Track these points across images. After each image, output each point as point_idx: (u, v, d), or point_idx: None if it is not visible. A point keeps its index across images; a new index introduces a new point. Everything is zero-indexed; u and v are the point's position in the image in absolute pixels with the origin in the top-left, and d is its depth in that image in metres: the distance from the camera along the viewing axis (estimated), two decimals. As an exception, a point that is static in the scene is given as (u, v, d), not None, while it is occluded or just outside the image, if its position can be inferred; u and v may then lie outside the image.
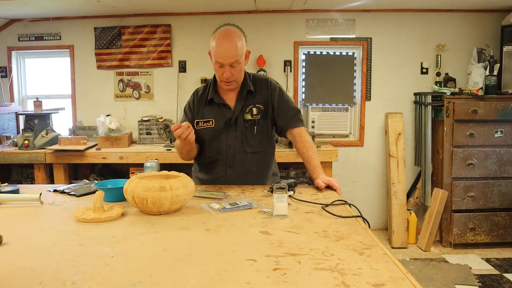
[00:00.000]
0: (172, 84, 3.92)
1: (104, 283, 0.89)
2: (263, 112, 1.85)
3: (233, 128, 1.84)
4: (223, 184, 1.88)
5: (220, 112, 1.85)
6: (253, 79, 1.88)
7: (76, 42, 3.92)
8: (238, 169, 1.86)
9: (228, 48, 1.68)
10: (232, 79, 1.75)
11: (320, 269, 0.96)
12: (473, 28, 3.84)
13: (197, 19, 3.86)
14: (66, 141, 3.34)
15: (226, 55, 1.68)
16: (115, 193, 1.59)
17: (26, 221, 1.38)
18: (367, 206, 3.97)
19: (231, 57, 1.68)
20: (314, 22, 3.86)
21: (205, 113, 1.87)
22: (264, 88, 1.86)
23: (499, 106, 3.37)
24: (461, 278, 2.95)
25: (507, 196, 3.46)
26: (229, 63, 1.69)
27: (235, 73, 1.73)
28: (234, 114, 1.83)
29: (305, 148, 1.82)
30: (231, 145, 1.84)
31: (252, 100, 1.85)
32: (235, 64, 1.70)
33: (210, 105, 1.86)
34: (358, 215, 1.39)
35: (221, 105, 1.85)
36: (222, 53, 1.68)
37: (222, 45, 1.68)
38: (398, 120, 3.84)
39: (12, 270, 0.97)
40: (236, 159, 1.85)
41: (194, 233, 1.23)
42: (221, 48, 1.68)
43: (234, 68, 1.71)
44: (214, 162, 1.89)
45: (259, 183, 1.89)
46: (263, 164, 1.93)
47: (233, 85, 1.80)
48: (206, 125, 1.85)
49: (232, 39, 1.69)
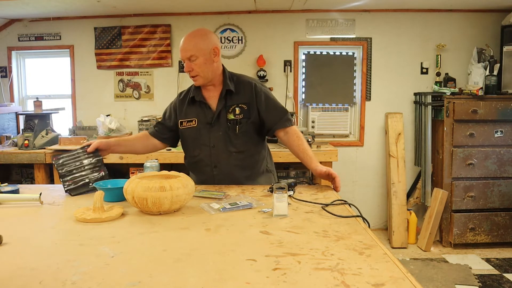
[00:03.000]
0: (172, 84, 3.92)
1: (104, 283, 0.89)
2: (246, 112, 1.86)
3: (216, 127, 1.86)
4: (216, 184, 1.89)
5: (202, 112, 1.89)
6: (236, 80, 1.91)
7: (76, 42, 3.92)
8: (224, 168, 1.88)
9: (183, 43, 1.81)
10: (193, 73, 1.82)
11: (320, 269, 0.96)
12: (473, 28, 3.84)
13: (197, 19, 3.86)
14: (66, 141, 3.34)
15: (181, 50, 1.81)
16: (115, 193, 1.59)
17: (26, 221, 1.38)
18: (367, 206, 3.97)
19: (185, 51, 1.79)
20: (314, 22, 3.86)
21: (188, 112, 1.92)
22: (248, 90, 1.89)
23: (499, 106, 3.37)
24: (461, 278, 2.95)
25: (507, 196, 3.46)
26: (186, 57, 1.80)
27: (195, 67, 1.80)
28: (215, 113, 1.86)
29: (300, 141, 1.85)
30: (214, 145, 1.86)
31: (235, 100, 1.87)
32: (192, 58, 1.79)
33: (193, 105, 1.91)
34: (358, 215, 1.39)
35: (202, 104, 1.89)
36: (180, 48, 1.82)
37: (181, 42, 1.82)
38: (398, 120, 3.85)
39: (12, 270, 0.97)
40: (220, 159, 1.87)
41: (194, 233, 1.23)
42: (180, 45, 1.82)
43: (192, 62, 1.79)
44: (199, 162, 1.91)
45: (250, 183, 1.89)
46: (250, 164, 1.92)
47: (198, 80, 1.85)
48: (189, 125, 1.90)
49: (190, 36, 1.81)
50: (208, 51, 1.80)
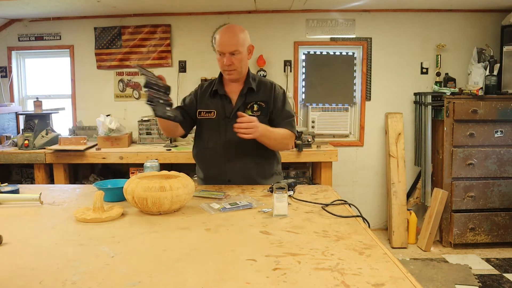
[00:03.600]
0: (172, 84, 3.82)
1: (104, 283, 0.89)
2: (264, 110, 1.91)
3: (233, 122, 1.86)
4: (225, 180, 1.90)
5: (222, 105, 1.93)
6: (258, 80, 1.98)
7: (76, 42, 3.92)
8: (237, 164, 1.89)
9: (228, 37, 1.83)
10: (232, 67, 1.85)
11: (320, 269, 0.96)
12: (473, 28, 3.84)
13: (197, 19, 3.86)
14: (66, 141, 3.34)
15: (225, 44, 1.82)
16: (115, 193, 1.59)
17: (26, 221, 1.38)
18: (367, 206, 3.97)
19: (230, 46, 1.82)
20: (314, 22, 3.86)
21: (208, 104, 1.96)
22: (268, 89, 1.96)
23: (499, 106, 3.37)
24: (461, 278, 2.95)
25: (507, 196, 3.46)
26: (229, 51, 1.82)
27: (235, 62, 1.84)
28: (234, 108, 1.90)
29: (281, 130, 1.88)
30: (229, 139, 1.88)
31: (254, 97, 1.92)
32: (235, 52, 1.82)
33: (214, 97, 1.96)
34: (358, 215, 1.39)
35: (223, 97, 1.93)
36: (223, 42, 1.83)
37: (223, 36, 1.84)
38: (398, 120, 3.85)
39: (12, 270, 0.97)
40: (234, 154, 1.89)
41: (194, 233, 1.23)
42: (222, 38, 1.84)
43: (234, 56, 1.83)
44: (212, 154, 1.92)
45: (261, 182, 1.91)
46: (263, 162, 1.95)
47: (234, 74, 1.88)
48: (208, 116, 1.94)
49: (233, 31, 1.85)
50: (247, 48, 1.89)
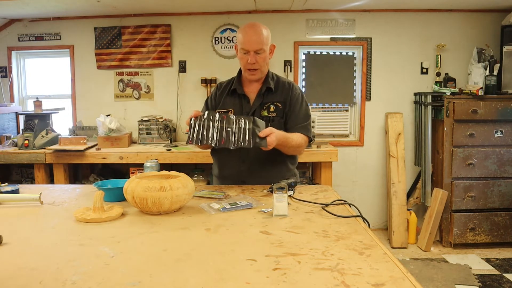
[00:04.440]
0: (172, 84, 3.92)
1: (104, 283, 0.89)
2: (280, 111, 1.89)
3: None
4: (239, 181, 1.89)
5: (239, 105, 1.92)
6: (276, 79, 1.96)
7: (76, 42, 3.92)
8: (253, 164, 1.89)
9: (253, 35, 1.79)
10: (256, 66, 1.83)
11: (320, 269, 0.96)
12: (473, 28, 3.84)
13: (197, 19, 3.86)
14: (66, 141, 3.34)
15: (251, 41, 1.79)
16: (115, 193, 1.59)
17: (26, 221, 1.38)
18: (367, 206, 3.97)
19: (256, 44, 1.78)
20: (314, 22, 3.86)
21: (226, 103, 1.95)
22: (286, 89, 1.93)
23: (499, 106, 3.37)
24: (461, 278, 2.95)
25: (507, 196, 3.46)
26: (254, 50, 1.79)
27: (260, 61, 1.82)
28: (252, 108, 1.89)
29: (295, 136, 1.84)
30: None
31: (271, 98, 1.90)
32: (259, 51, 1.80)
33: (232, 96, 1.94)
34: (358, 215, 1.39)
35: (242, 96, 1.92)
36: (248, 39, 1.79)
37: (248, 33, 1.80)
38: (398, 120, 3.84)
39: (12, 270, 0.97)
40: (250, 154, 1.88)
41: (194, 233, 1.23)
42: (247, 36, 1.80)
43: (258, 55, 1.80)
44: (228, 155, 1.91)
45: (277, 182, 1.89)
46: (278, 162, 1.92)
47: (257, 74, 1.86)
48: None
49: (258, 28, 1.81)
50: (270, 48, 1.87)
